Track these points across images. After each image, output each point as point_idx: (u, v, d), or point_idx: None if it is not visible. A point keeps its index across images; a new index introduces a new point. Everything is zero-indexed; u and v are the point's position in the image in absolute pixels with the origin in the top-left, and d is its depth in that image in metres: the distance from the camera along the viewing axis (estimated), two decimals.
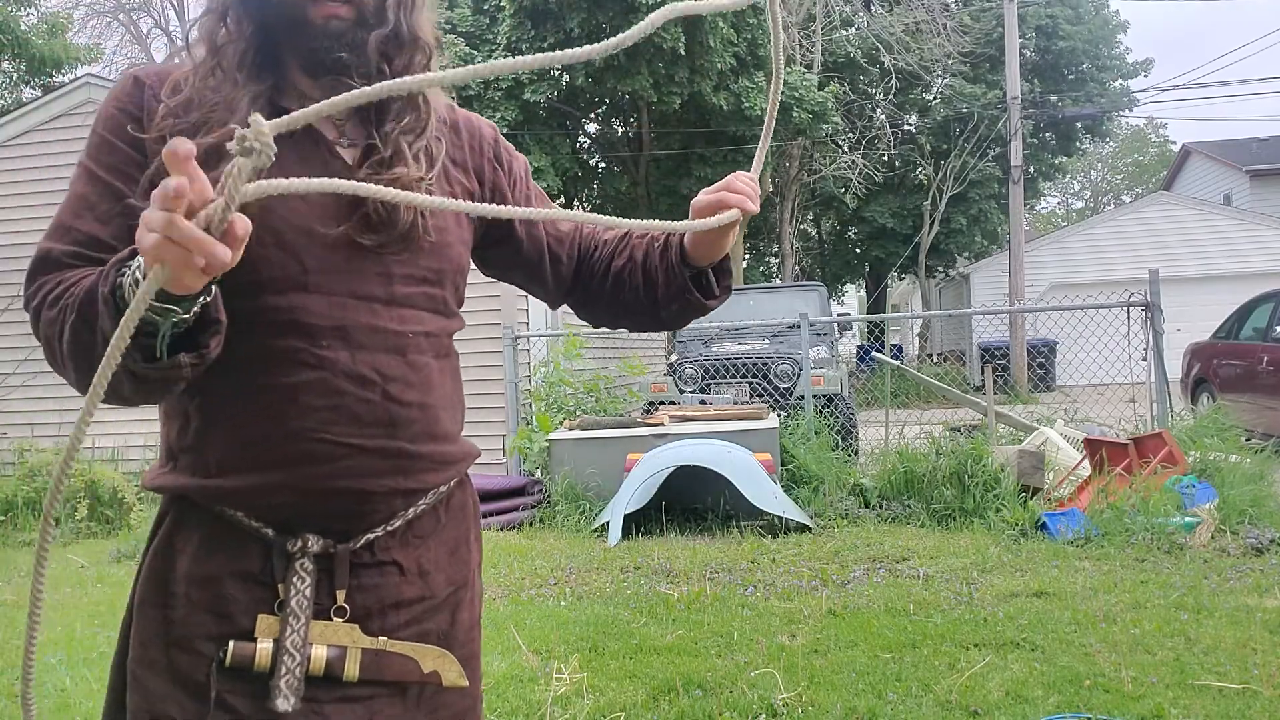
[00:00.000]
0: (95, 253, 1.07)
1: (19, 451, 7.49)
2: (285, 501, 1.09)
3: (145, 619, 1.11)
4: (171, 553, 1.12)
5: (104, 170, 1.10)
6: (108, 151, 1.11)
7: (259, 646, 1.06)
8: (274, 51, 1.13)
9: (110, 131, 1.11)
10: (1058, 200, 50.40)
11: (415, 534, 1.18)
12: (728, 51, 17.03)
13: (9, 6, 14.34)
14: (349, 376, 1.09)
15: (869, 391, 11.96)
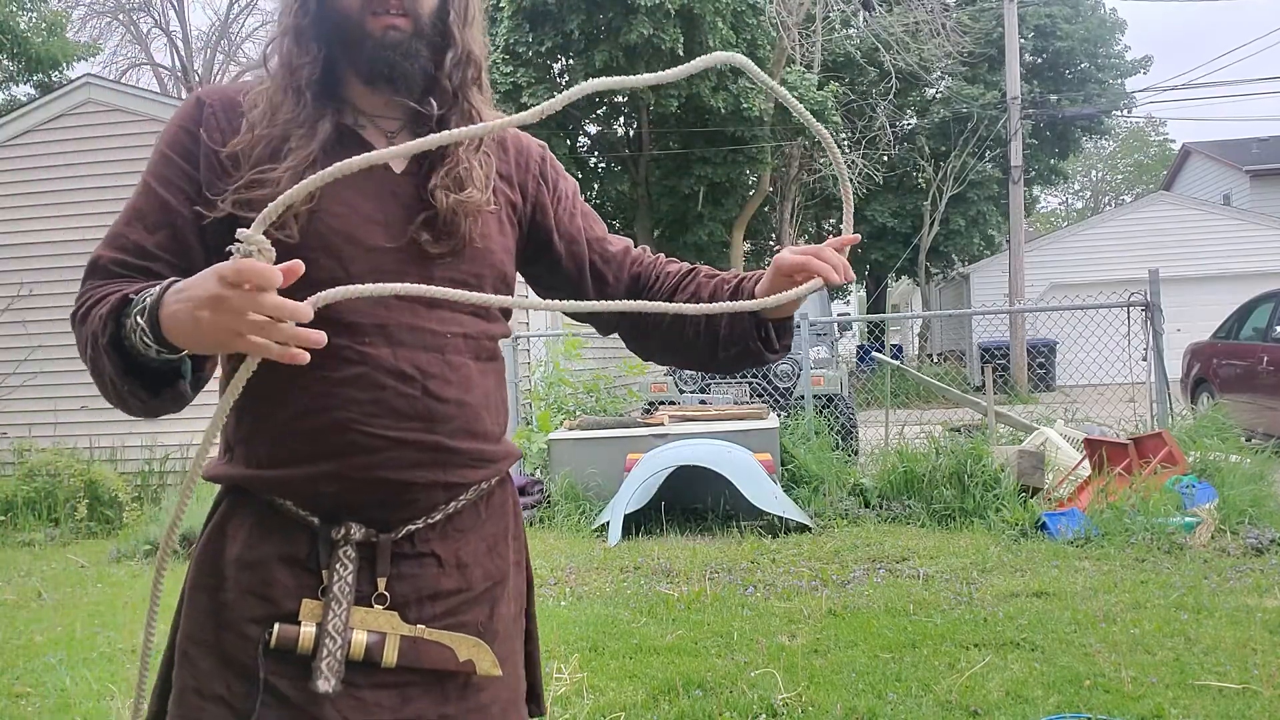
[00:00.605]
0: (140, 260, 1.17)
1: (19, 451, 7.48)
2: (330, 491, 1.14)
3: (196, 601, 1.16)
4: (223, 539, 1.17)
5: (159, 183, 1.19)
6: (164, 166, 1.20)
7: (302, 629, 1.11)
8: (334, 68, 1.20)
9: (170, 148, 1.20)
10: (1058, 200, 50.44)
11: (455, 528, 1.22)
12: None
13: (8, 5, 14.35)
14: (390, 372, 1.15)
15: (869, 391, 11.96)
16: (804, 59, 20.85)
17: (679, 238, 20.91)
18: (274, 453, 1.16)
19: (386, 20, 1.16)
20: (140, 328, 1.02)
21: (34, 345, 7.90)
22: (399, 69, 1.17)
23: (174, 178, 1.18)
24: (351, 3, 1.17)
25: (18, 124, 8.16)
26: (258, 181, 1.14)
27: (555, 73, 18.95)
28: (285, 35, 1.20)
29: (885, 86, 21.34)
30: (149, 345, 1.02)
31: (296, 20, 1.19)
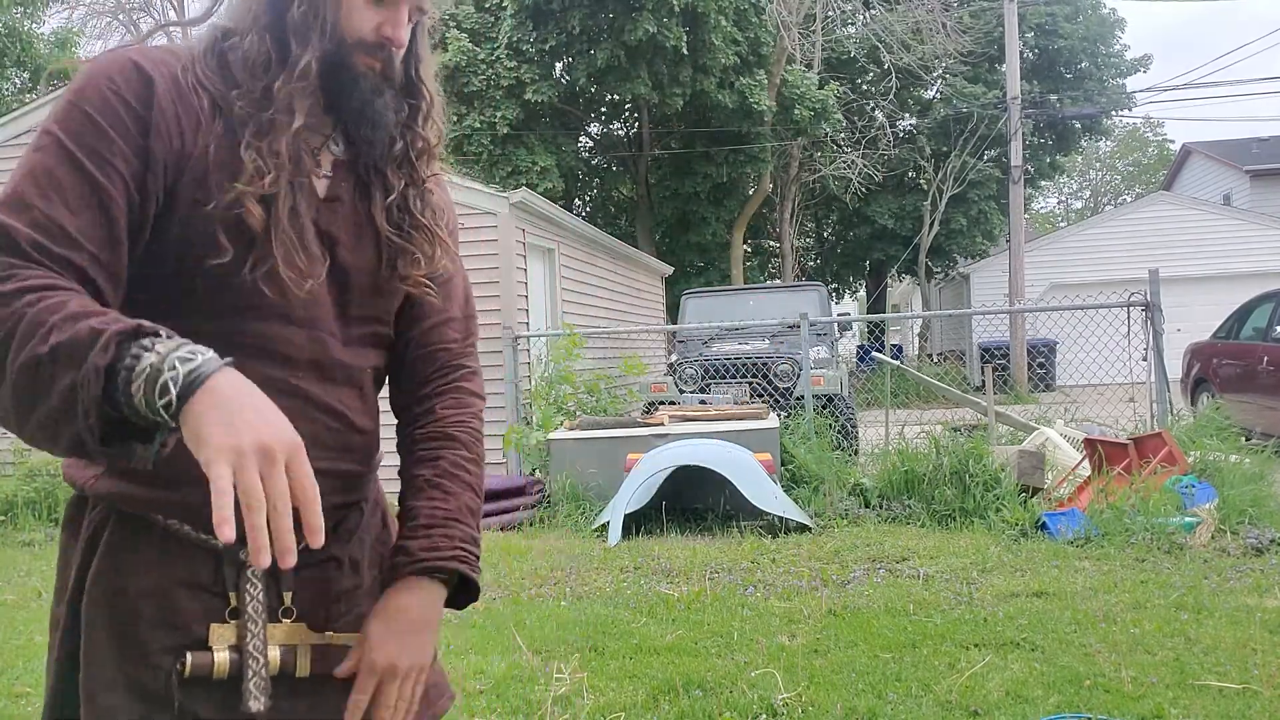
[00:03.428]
0: (62, 248, 0.97)
1: (18, 451, 7.48)
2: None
3: (96, 639, 1.08)
4: (117, 569, 1.08)
5: (85, 154, 1.01)
6: (94, 136, 1.02)
7: (216, 655, 1.07)
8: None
9: (102, 115, 1.02)
10: (1057, 200, 50.43)
11: (346, 529, 1.23)
12: (730, 49, 17.03)
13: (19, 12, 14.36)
14: (320, 407, 1.14)
15: (869, 391, 11.97)
16: (804, 58, 20.85)
17: (680, 238, 20.92)
18: (183, 474, 0.98)
19: (368, 60, 1.12)
20: (168, 396, 0.86)
21: None
22: (366, 106, 1.14)
23: (107, 154, 1.01)
24: (363, 30, 1.11)
25: (18, 124, 8.17)
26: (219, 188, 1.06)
27: (558, 70, 18.96)
28: (256, 29, 1.09)
29: (885, 86, 21.34)
30: (157, 414, 0.87)
31: (275, 14, 1.09)
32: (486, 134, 17.28)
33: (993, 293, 20.07)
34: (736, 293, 12.24)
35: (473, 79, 17.18)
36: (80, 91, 1.04)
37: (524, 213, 8.08)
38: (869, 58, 22.15)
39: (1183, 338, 11.14)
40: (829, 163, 21.77)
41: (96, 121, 1.02)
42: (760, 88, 17.74)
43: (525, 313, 8.12)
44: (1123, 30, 24.86)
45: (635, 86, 16.66)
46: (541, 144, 17.92)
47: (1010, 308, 15.11)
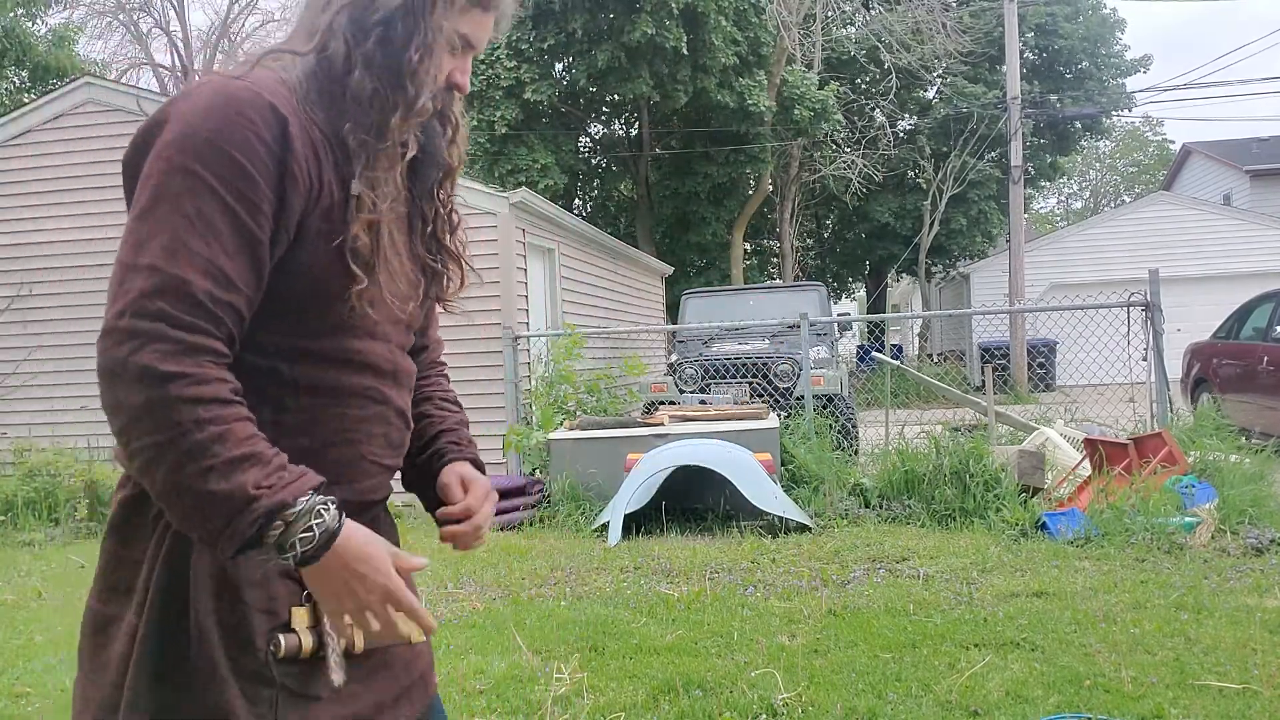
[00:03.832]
0: (224, 293, 1.06)
1: (19, 451, 7.48)
2: None
3: (206, 627, 1.13)
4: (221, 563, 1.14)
5: (235, 198, 1.06)
6: (243, 180, 1.06)
7: (301, 635, 1.15)
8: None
9: (247, 158, 1.07)
10: (1057, 200, 50.41)
11: (373, 520, 1.33)
12: (730, 49, 17.02)
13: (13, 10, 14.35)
14: (396, 411, 1.30)
15: (869, 391, 11.97)
16: (804, 58, 20.85)
17: (681, 237, 20.92)
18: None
19: (439, 102, 1.24)
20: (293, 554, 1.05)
21: (34, 345, 7.90)
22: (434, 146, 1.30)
23: (255, 199, 1.07)
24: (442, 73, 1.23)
25: (18, 124, 8.17)
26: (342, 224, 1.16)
27: (558, 71, 18.96)
28: (368, 70, 1.16)
29: (885, 86, 21.34)
30: (287, 551, 1.04)
31: (389, 56, 1.16)
32: (485, 133, 17.27)
33: (993, 293, 20.07)
34: (736, 293, 12.24)
35: (472, 79, 17.15)
36: (220, 132, 1.06)
37: (524, 212, 8.08)
38: (869, 58, 22.15)
39: (1183, 338, 11.13)
40: (829, 163, 21.77)
41: (243, 165, 1.07)
42: (760, 88, 17.73)
43: (525, 313, 8.12)
44: (1123, 30, 24.87)
45: (636, 86, 16.65)
46: (541, 143, 17.92)
47: (1010, 308, 15.11)
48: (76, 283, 8.00)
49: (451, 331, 7.77)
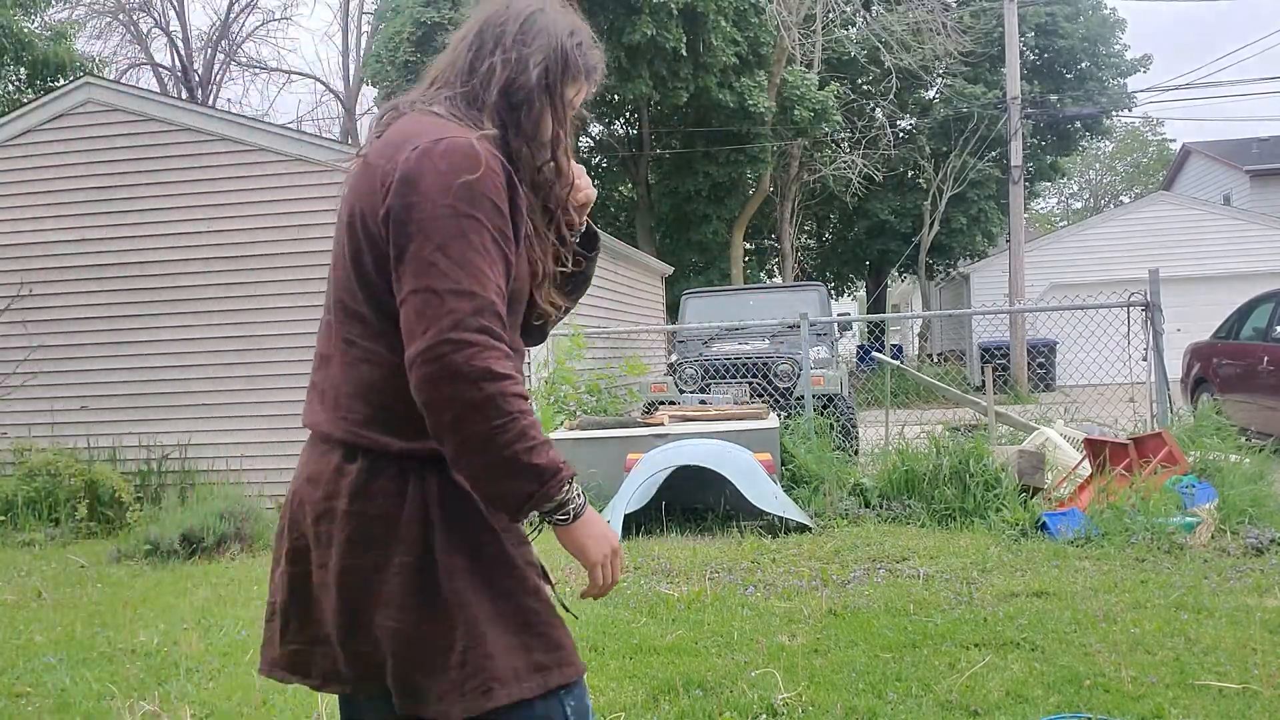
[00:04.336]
0: (507, 314, 1.43)
1: (19, 451, 7.48)
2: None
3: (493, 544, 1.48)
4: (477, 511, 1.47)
5: (498, 233, 1.40)
6: (500, 219, 1.41)
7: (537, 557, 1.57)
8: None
9: (499, 201, 1.41)
10: (1057, 200, 50.39)
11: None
12: (730, 49, 17.02)
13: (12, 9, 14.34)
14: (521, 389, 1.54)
15: (869, 391, 11.97)
16: (804, 58, 20.84)
17: (681, 237, 20.91)
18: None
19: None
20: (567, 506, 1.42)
21: (34, 345, 7.90)
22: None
23: (505, 230, 1.41)
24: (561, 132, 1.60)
25: (18, 124, 8.16)
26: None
27: None
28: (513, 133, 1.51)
29: (885, 86, 21.33)
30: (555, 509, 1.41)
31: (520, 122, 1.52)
32: None
33: (993, 293, 20.07)
34: (736, 293, 12.23)
35: None
36: (481, 181, 1.39)
37: None
38: (869, 58, 22.13)
39: (1183, 338, 11.13)
40: (829, 163, 21.76)
41: (499, 206, 1.41)
42: (760, 88, 17.73)
43: None
44: (1123, 30, 24.85)
45: (636, 86, 16.64)
46: None
47: (1010, 308, 15.11)
48: (76, 283, 7.99)
49: None
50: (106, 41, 26.29)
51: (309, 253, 7.76)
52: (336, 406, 1.48)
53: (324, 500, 1.46)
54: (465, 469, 1.37)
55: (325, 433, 1.50)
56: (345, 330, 1.49)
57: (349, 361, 1.48)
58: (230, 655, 3.91)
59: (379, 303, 1.43)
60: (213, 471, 7.67)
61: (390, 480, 1.44)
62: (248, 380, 7.80)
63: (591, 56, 1.56)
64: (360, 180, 1.49)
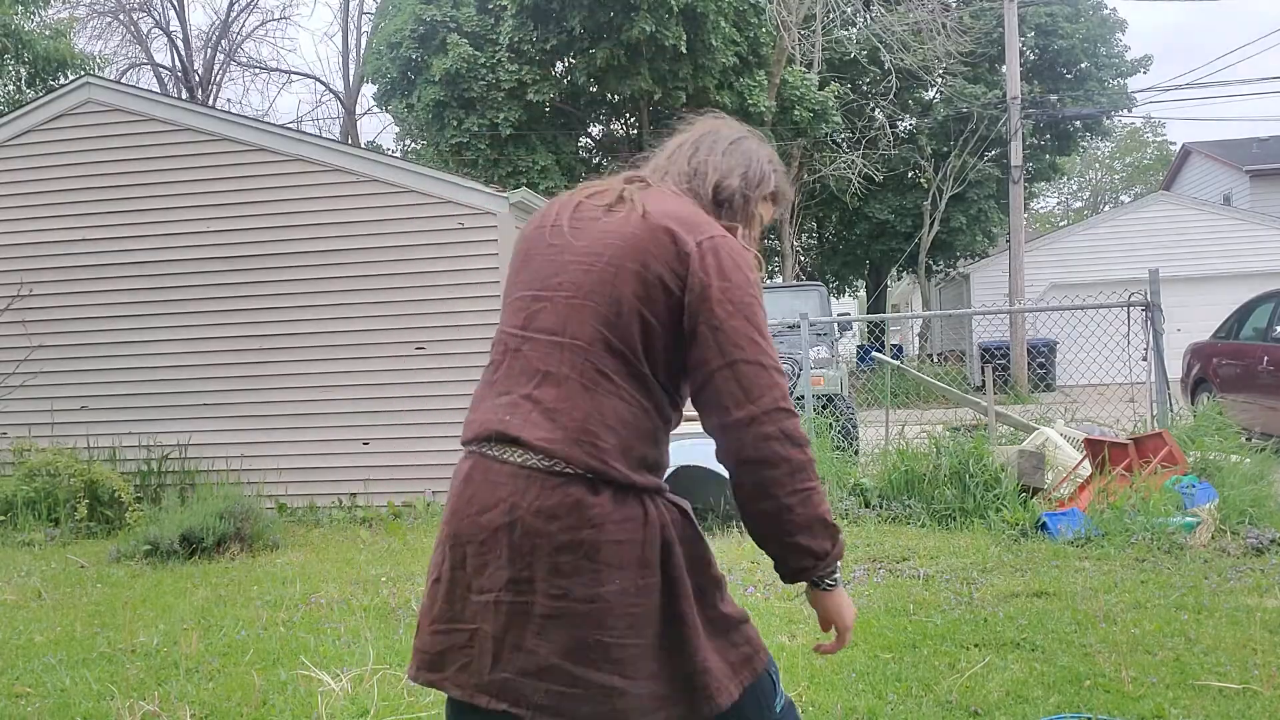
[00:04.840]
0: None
1: (18, 451, 7.48)
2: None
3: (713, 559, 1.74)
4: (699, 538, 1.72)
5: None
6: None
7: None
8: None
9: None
10: (1057, 200, 50.39)
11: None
12: (730, 49, 17.02)
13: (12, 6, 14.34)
14: None
15: (869, 391, 11.96)
16: (804, 58, 20.84)
17: None
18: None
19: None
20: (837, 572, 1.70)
21: (34, 345, 7.90)
22: None
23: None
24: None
25: (18, 124, 8.16)
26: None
27: (558, 71, 18.95)
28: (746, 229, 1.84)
29: (886, 86, 21.33)
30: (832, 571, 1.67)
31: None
32: (486, 137, 17.28)
33: (993, 293, 20.07)
34: None
35: (473, 84, 17.16)
36: (756, 276, 1.68)
37: (524, 212, 8.07)
38: (869, 58, 22.13)
39: (1183, 338, 11.13)
40: (829, 163, 21.76)
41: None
42: (760, 88, 17.72)
43: None
44: (1123, 31, 24.84)
45: (636, 83, 16.64)
46: (542, 144, 17.91)
47: (1010, 308, 15.11)
48: (76, 283, 7.99)
49: (451, 331, 7.78)
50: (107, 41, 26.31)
51: (309, 253, 7.76)
52: (580, 432, 1.54)
53: (567, 532, 1.51)
54: (774, 524, 1.58)
55: (561, 455, 1.53)
56: (599, 363, 1.57)
57: (600, 393, 1.56)
58: (230, 655, 3.91)
59: (649, 349, 1.58)
60: (213, 471, 7.67)
61: (633, 508, 1.55)
62: (248, 380, 7.80)
63: (783, 183, 1.86)
64: (646, 238, 1.59)
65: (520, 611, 1.54)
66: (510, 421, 1.57)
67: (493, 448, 1.58)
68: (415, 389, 7.61)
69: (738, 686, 1.62)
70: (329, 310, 7.74)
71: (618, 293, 1.58)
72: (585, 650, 1.52)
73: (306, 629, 4.26)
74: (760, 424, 1.52)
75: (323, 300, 7.75)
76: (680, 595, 1.58)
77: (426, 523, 7.06)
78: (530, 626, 1.53)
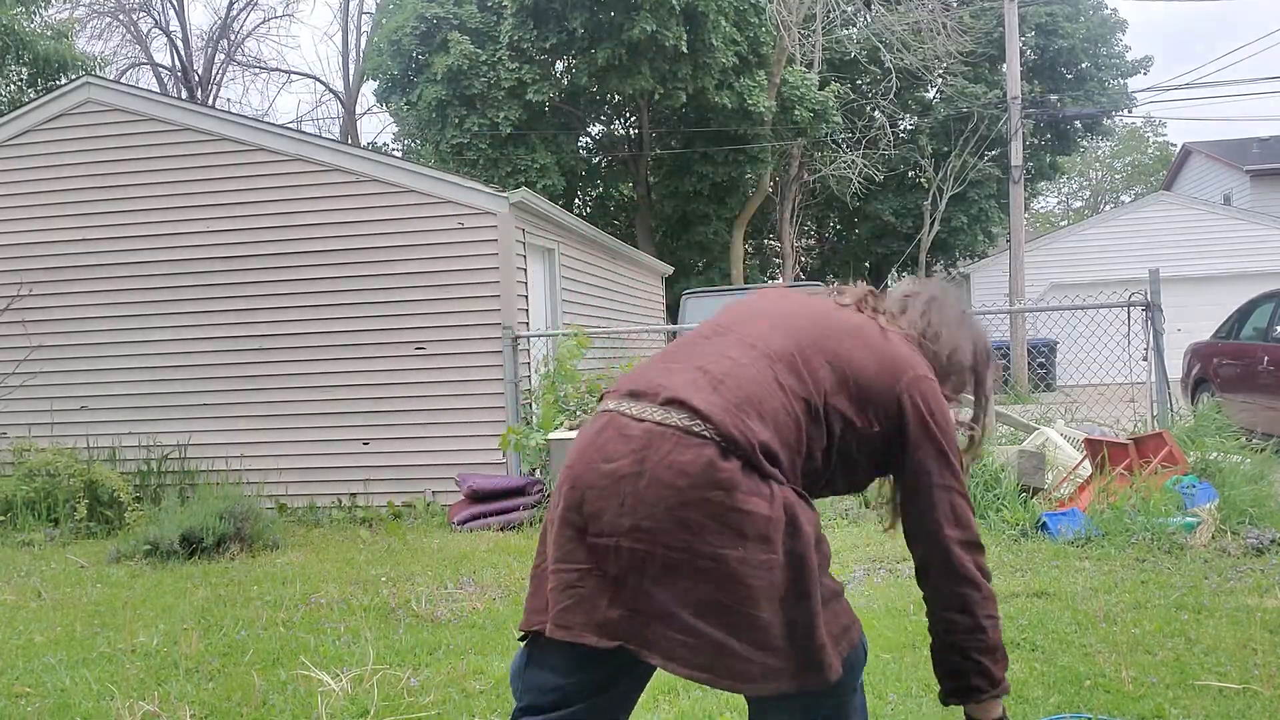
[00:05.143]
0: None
1: (18, 451, 7.48)
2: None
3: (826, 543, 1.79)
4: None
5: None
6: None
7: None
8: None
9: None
10: (1057, 200, 50.38)
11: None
12: (730, 49, 17.02)
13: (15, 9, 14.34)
14: None
15: None
16: (804, 58, 20.84)
17: (681, 237, 20.91)
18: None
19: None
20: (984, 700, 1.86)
21: (34, 345, 7.90)
22: None
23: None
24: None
25: (18, 124, 8.16)
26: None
27: (559, 70, 18.95)
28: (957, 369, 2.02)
29: (886, 86, 21.33)
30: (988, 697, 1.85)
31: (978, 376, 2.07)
32: (487, 136, 17.27)
33: (993, 293, 20.06)
34: (736, 293, 12.22)
35: (474, 81, 17.17)
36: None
37: (524, 212, 8.08)
38: (869, 58, 22.13)
39: (1183, 338, 11.12)
40: (829, 163, 21.75)
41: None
42: (760, 89, 17.72)
43: (525, 313, 8.11)
44: (1124, 31, 24.85)
45: (637, 81, 16.64)
46: (542, 143, 17.91)
47: (1010, 308, 15.10)
48: (76, 283, 8.00)
49: (451, 331, 7.77)
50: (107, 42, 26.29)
51: (309, 253, 7.77)
52: (738, 407, 1.65)
53: (695, 490, 1.58)
54: (966, 636, 1.81)
55: (707, 416, 1.62)
56: (780, 375, 1.72)
57: (769, 393, 1.69)
58: (230, 655, 3.91)
59: (829, 402, 1.74)
60: (213, 471, 7.67)
61: (760, 484, 1.62)
62: (248, 380, 7.80)
63: (995, 369, 2.11)
64: (879, 343, 1.82)
65: (640, 558, 1.60)
66: (668, 384, 1.68)
67: (631, 406, 1.68)
68: (415, 389, 7.61)
69: (838, 658, 1.68)
70: (329, 310, 7.74)
71: (833, 350, 1.77)
72: (703, 605, 1.59)
73: (306, 629, 4.26)
74: (969, 550, 1.81)
75: (323, 300, 7.75)
76: (807, 573, 1.64)
77: (426, 523, 7.06)
78: (650, 573, 1.60)
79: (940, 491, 1.80)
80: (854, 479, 1.92)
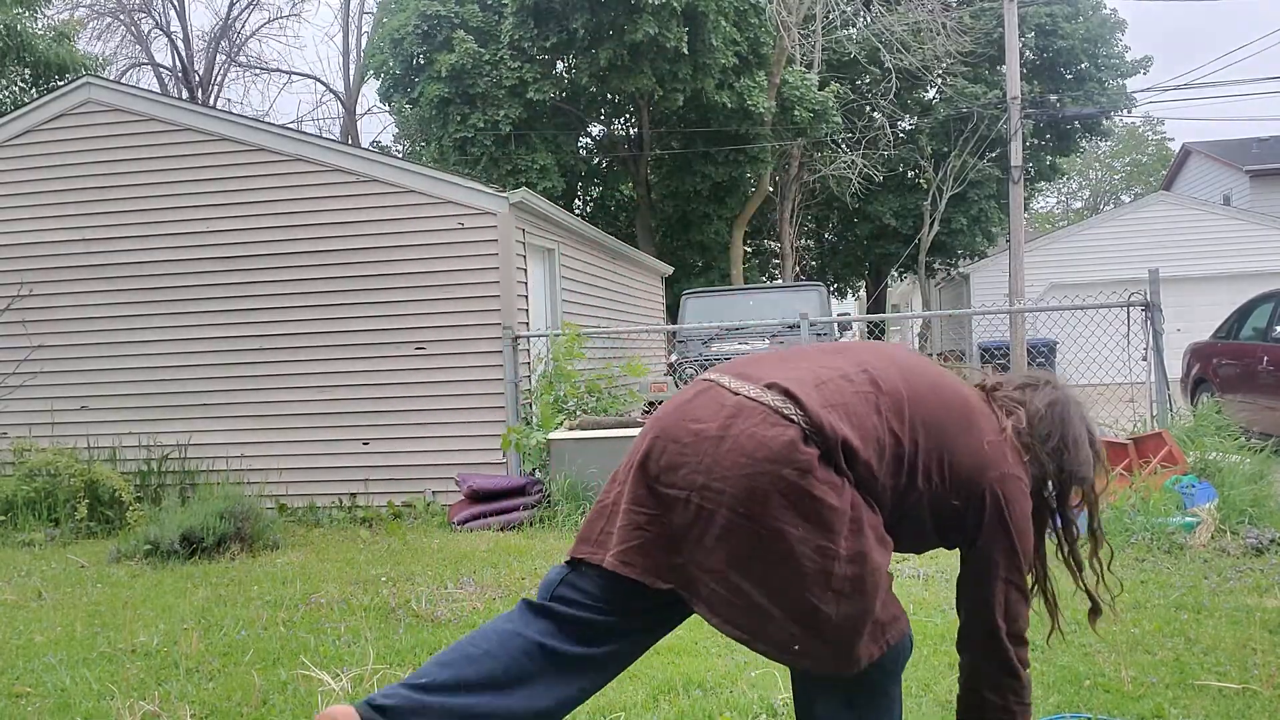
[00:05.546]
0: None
1: (19, 451, 7.48)
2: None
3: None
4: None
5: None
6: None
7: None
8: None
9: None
10: (1057, 200, 50.38)
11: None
12: (730, 49, 17.02)
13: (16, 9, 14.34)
14: None
15: None
16: (804, 59, 20.84)
17: (681, 237, 20.91)
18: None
19: None
20: None
21: (34, 345, 7.91)
22: None
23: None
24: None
25: (18, 124, 8.17)
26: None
27: (559, 70, 18.95)
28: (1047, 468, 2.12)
29: (886, 86, 21.33)
30: None
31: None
32: (489, 134, 17.27)
33: (993, 293, 20.07)
34: (736, 293, 12.24)
35: (478, 80, 17.18)
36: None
37: (524, 212, 8.08)
38: (869, 58, 22.13)
39: (1183, 338, 11.13)
40: (829, 163, 21.75)
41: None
42: (760, 89, 17.72)
43: (525, 313, 8.11)
44: (1123, 32, 24.84)
45: (638, 81, 16.64)
46: (542, 143, 17.91)
47: (1010, 308, 15.10)
48: (76, 283, 8.00)
49: (451, 331, 7.77)
50: (107, 42, 26.31)
51: (309, 253, 7.77)
52: (834, 406, 1.74)
53: (772, 464, 1.66)
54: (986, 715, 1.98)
55: (806, 408, 1.71)
56: (882, 405, 1.80)
57: (865, 409, 1.78)
58: (230, 655, 3.92)
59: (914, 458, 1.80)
60: (213, 471, 7.68)
61: (836, 478, 1.69)
62: (248, 380, 7.80)
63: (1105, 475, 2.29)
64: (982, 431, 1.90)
65: (707, 515, 1.69)
66: (774, 374, 1.77)
67: (732, 381, 1.77)
68: (415, 389, 7.61)
69: (880, 648, 1.75)
70: (329, 310, 7.75)
71: (940, 422, 1.84)
72: (754, 570, 1.67)
73: (306, 629, 4.26)
74: (1015, 641, 1.97)
75: (323, 300, 7.76)
76: (868, 571, 1.71)
77: (426, 522, 7.06)
78: (713, 530, 1.68)
79: (1001, 584, 1.94)
80: (919, 540, 1.98)
